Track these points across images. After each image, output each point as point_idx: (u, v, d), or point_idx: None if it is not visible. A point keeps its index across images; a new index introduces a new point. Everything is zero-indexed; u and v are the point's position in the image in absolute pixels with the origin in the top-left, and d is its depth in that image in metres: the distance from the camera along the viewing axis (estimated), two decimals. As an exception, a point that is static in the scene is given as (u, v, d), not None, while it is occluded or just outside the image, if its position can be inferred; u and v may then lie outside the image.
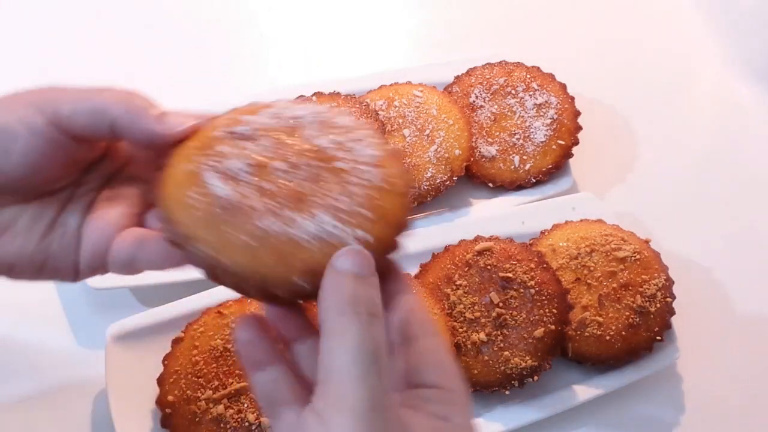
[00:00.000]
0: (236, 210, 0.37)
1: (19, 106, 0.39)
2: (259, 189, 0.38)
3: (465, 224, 0.72)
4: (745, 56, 0.94)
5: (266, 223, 0.36)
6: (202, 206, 0.37)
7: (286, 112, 0.41)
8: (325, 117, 0.41)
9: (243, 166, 0.38)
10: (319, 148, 0.39)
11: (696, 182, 0.84)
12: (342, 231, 0.36)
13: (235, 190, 0.37)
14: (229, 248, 0.36)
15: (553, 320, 0.63)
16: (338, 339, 0.32)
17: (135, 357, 0.63)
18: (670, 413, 0.68)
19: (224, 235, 0.37)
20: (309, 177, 0.38)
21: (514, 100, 0.78)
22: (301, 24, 0.94)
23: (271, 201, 0.37)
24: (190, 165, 0.39)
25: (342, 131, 0.41)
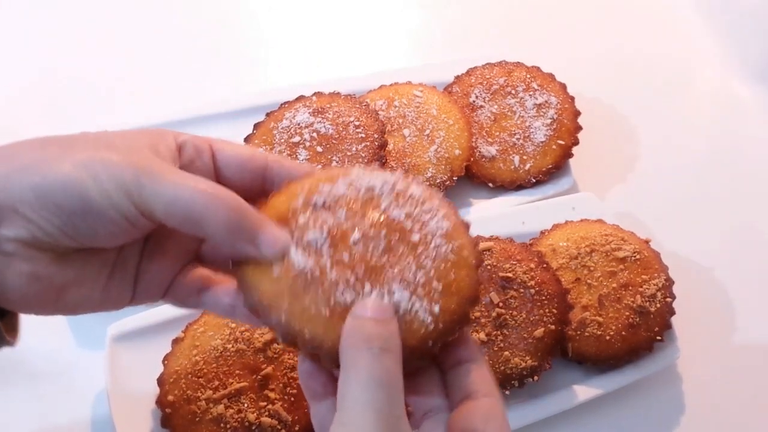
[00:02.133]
0: (316, 283, 0.39)
1: (102, 173, 0.35)
2: (337, 261, 0.40)
3: (465, 224, 0.72)
4: (745, 56, 0.94)
5: (344, 297, 0.39)
6: (284, 279, 0.39)
7: (362, 182, 0.43)
8: (399, 188, 0.43)
9: (322, 238, 0.40)
10: (393, 220, 0.42)
11: (696, 182, 0.84)
12: (415, 304, 0.39)
13: (315, 263, 0.40)
14: (307, 320, 0.39)
15: (553, 320, 0.63)
16: (352, 371, 0.35)
17: (135, 357, 0.63)
18: (670, 413, 0.68)
19: (304, 307, 0.39)
20: (384, 249, 0.41)
21: (514, 100, 0.78)
22: (301, 24, 0.94)
23: (348, 273, 0.40)
24: None
25: (414, 203, 0.43)
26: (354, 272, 0.40)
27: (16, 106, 0.84)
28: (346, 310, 0.38)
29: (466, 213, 0.75)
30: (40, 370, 0.67)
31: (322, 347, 0.39)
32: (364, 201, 0.42)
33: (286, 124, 0.73)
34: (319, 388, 0.40)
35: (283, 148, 0.72)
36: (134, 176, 0.35)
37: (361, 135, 0.71)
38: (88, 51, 0.90)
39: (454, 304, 0.40)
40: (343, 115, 0.72)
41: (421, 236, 0.41)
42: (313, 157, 0.71)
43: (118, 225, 0.36)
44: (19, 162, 0.35)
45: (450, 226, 0.43)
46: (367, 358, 0.35)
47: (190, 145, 0.41)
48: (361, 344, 0.35)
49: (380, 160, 0.70)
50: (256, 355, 0.59)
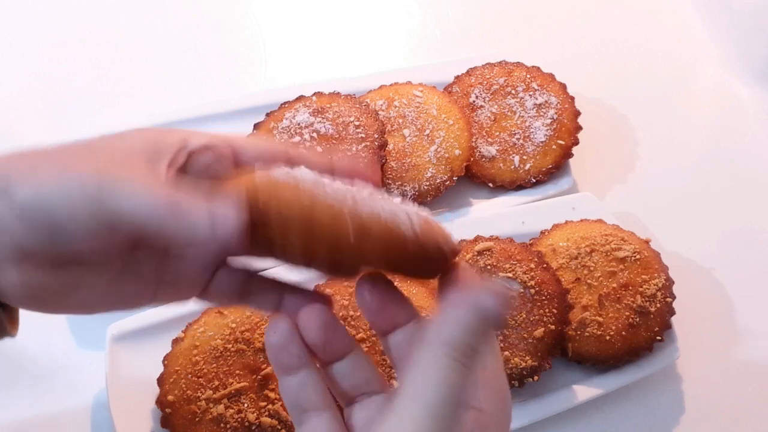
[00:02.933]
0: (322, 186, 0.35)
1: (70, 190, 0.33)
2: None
3: (465, 224, 0.72)
4: (745, 56, 0.94)
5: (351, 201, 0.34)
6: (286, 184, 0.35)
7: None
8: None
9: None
10: None
11: (696, 182, 0.84)
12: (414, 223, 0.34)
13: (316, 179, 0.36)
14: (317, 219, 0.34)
15: (553, 320, 0.63)
16: (434, 377, 0.31)
17: (135, 357, 0.63)
18: (670, 413, 0.68)
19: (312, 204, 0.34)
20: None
21: (514, 100, 0.78)
22: (301, 24, 0.94)
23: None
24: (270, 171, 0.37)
25: None
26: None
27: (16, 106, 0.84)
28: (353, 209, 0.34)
29: (465, 213, 0.75)
30: (40, 370, 0.67)
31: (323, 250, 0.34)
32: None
33: (286, 124, 0.73)
34: (291, 359, 0.37)
35: (283, 148, 0.72)
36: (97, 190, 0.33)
37: (361, 135, 0.71)
38: (88, 51, 0.90)
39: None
40: (343, 115, 0.72)
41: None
42: (313, 157, 0.71)
43: (90, 242, 0.35)
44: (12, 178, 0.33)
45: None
46: (456, 373, 0.31)
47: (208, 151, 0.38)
48: (456, 353, 0.32)
49: (380, 160, 0.70)
50: (256, 355, 0.59)
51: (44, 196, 0.33)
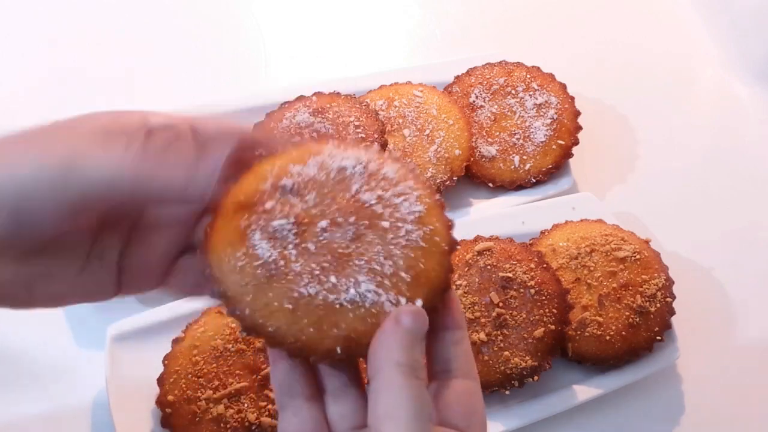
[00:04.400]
0: (280, 275, 0.38)
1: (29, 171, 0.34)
2: (303, 250, 0.38)
3: (465, 224, 0.72)
4: (745, 56, 0.94)
5: (308, 290, 0.38)
6: (247, 270, 0.38)
7: (334, 162, 0.41)
8: (372, 168, 0.41)
9: (288, 225, 0.39)
10: (364, 204, 0.40)
11: (696, 182, 0.84)
12: (382, 297, 0.37)
13: (280, 254, 0.38)
14: (271, 314, 0.38)
15: (553, 320, 0.63)
16: (396, 395, 0.34)
17: (135, 357, 0.63)
18: (670, 413, 0.68)
19: (267, 301, 0.38)
20: (352, 237, 0.39)
21: (514, 100, 0.78)
22: (301, 24, 0.94)
23: (314, 264, 0.38)
24: (237, 223, 0.39)
25: (387, 184, 0.41)
26: (319, 263, 0.38)
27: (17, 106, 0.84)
28: (310, 303, 0.37)
29: (465, 213, 0.75)
30: (40, 370, 0.67)
31: (284, 342, 0.38)
32: (334, 184, 0.40)
33: (286, 124, 0.73)
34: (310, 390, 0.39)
35: (283, 148, 0.72)
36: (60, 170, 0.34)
37: (361, 135, 0.71)
38: (88, 52, 0.90)
39: (422, 297, 0.38)
40: (343, 115, 0.72)
41: (391, 223, 0.39)
42: (313, 157, 0.71)
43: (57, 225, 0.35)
44: None
45: (423, 209, 0.41)
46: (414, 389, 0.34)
47: (167, 128, 0.38)
48: (405, 368, 0.35)
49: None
50: (256, 355, 0.59)
51: (3, 182, 0.33)
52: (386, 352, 0.35)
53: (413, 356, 0.35)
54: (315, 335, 0.37)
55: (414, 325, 0.35)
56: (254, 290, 0.38)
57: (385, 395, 0.34)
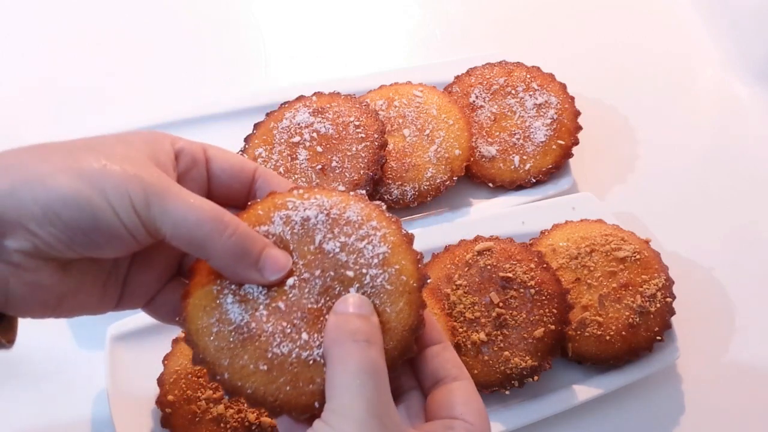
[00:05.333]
0: (253, 337, 0.40)
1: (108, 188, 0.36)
2: (274, 310, 0.40)
3: (465, 224, 0.72)
4: (745, 56, 0.94)
5: (281, 349, 0.39)
6: (222, 335, 0.40)
7: (297, 215, 0.42)
8: (334, 214, 0.42)
9: (258, 289, 0.41)
10: (328, 254, 0.41)
11: (696, 182, 0.84)
12: None
13: (252, 315, 0.40)
14: (248, 376, 0.40)
15: (553, 320, 0.63)
16: (340, 364, 0.37)
17: (135, 357, 0.63)
18: (670, 413, 0.68)
19: (243, 363, 0.40)
20: (320, 291, 0.41)
21: (514, 100, 0.78)
22: (301, 24, 0.94)
23: (285, 323, 0.40)
24: (210, 288, 0.41)
25: (350, 228, 0.42)
26: (291, 321, 0.40)
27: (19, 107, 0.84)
28: (285, 361, 0.39)
29: (465, 213, 0.75)
30: (41, 370, 0.67)
31: (265, 402, 0.39)
32: (299, 238, 0.42)
33: (286, 124, 0.73)
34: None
35: (283, 148, 0.72)
36: (143, 193, 0.36)
37: (361, 135, 0.71)
38: (89, 52, 0.90)
39: (394, 341, 0.40)
40: (343, 115, 0.72)
41: (356, 271, 0.41)
42: (313, 157, 0.71)
43: (123, 240, 0.37)
44: (24, 174, 0.35)
45: (388, 249, 0.42)
46: (354, 350, 0.37)
47: (188, 154, 0.42)
48: (347, 338, 0.37)
49: (380, 161, 0.70)
50: (256, 355, 0.59)
51: (82, 196, 0.35)
52: (331, 335, 0.38)
53: (356, 325, 0.38)
54: (292, 392, 0.39)
55: (352, 308, 0.39)
56: (230, 354, 0.40)
57: (332, 368, 0.37)
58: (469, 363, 0.63)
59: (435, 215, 0.75)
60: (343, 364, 0.37)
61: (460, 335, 0.63)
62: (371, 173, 0.69)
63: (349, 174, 0.69)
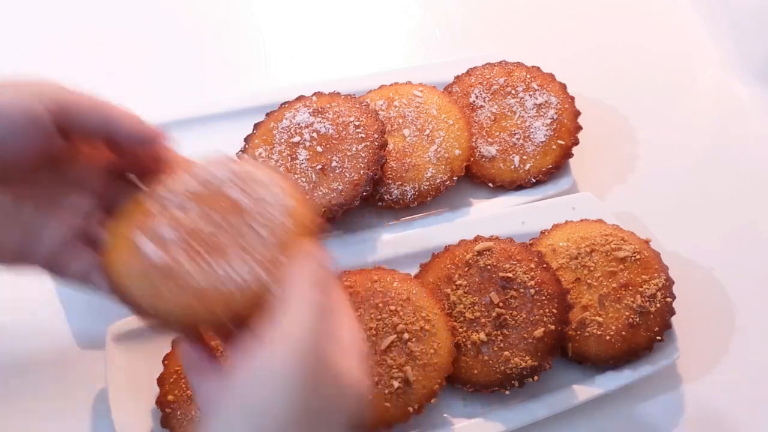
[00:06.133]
0: (168, 269, 0.45)
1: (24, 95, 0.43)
2: (186, 248, 0.46)
3: (465, 224, 0.72)
4: (745, 56, 0.94)
5: (192, 276, 0.45)
6: (139, 270, 0.46)
7: (208, 174, 0.50)
8: (241, 172, 0.50)
9: (172, 231, 0.47)
10: (232, 201, 0.49)
11: (696, 182, 0.84)
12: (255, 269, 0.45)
13: (167, 253, 0.46)
14: (164, 304, 0.45)
15: (553, 320, 0.63)
16: (298, 298, 0.40)
17: (135, 357, 0.63)
18: (670, 413, 0.68)
19: (160, 293, 0.45)
20: (226, 230, 0.47)
21: (514, 100, 0.78)
22: (301, 24, 0.94)
23: (196, 257, 0.46)
24: (130, 233, 0.48)
25: (252, 183, 0.50)
26: (200, 254, 0.46)
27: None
28: (198, 290, 0.45)
29: (465, 213, 0.75)
30: (41, 370, 0.67)
31: (179, 321, 0.45)
32: (209, 192, 0.49)
33: (286, 124, 0.73)
34: (207, 364, 0.45)
35: (283, 148, 0.72)
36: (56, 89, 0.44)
37: (361, 135, 0.71)
38: (88, 52, 0.90)
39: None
40: (343, 115, 0.72)
41: (257, 212, 0.48)
42: (313, 157, 0.71)
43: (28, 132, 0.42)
44: None
45: (282, 194, 0.49)
46: (313, 291, 0.41)
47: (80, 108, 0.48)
48: (307, 278, 0.42)
49: (380, 161, 0.70)
50: (256, 355, 0.59)
51: None
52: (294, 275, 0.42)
53: (319, 273, 0.42)
54: (202, 310, 0.44)
55: (316, 254, 0.44)
56: (149, 286, 0.46)
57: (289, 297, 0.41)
58: (469, 363, 0.63)
59: (435, 215, 0.75)
60: (301, 300, 0.40)
61: (460, 335, 0.63)
62: (371, 173, 0.69)
63: (349, 174, 0.69)
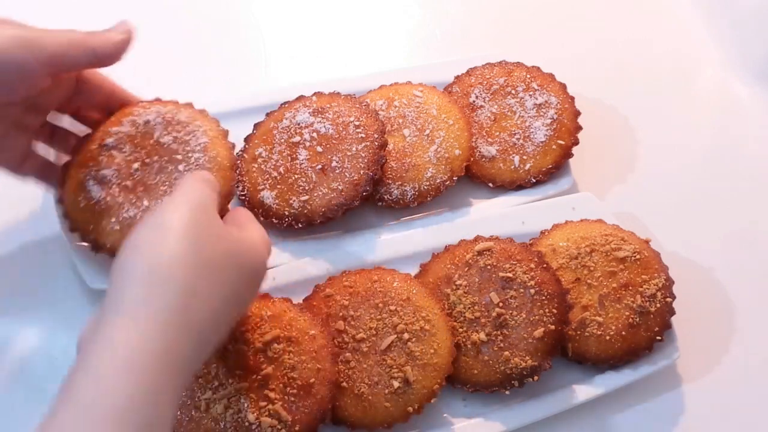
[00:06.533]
0: (109, 207, 0.60)
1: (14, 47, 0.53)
2: (123, 187, 0.61)
3: (465, 224, 0.72)
4: (745, 56, 0.94)
5: (129, 213, 0.60)
6: (87, 207, 0.61)
7: (140, 118, 0.63)
8: (168, 117, 0.63)
9: (111, 172, 0.61)
10: (163, 145, 0.62)
11: (696, 182, 0.84)
12: None
13: (107, 192, 0.60)
14: (107, 234, 0.61)
15: (553, 320, 0.63)
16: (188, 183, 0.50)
17: (135, 357, 0.63)
18: (670, 413, 0.68)
19: (103, 226, 0.60)
20: (157, 170, 0.61)
21: (514, 100, 0.78)
22: (301, 24, 0.94)
23: (131, 195, 0.60)
24: (79, 175, 0.62)
25: (181, 127, 0.63)
26: (135, 194, 0.60)
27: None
28: (132, 221, 0.59)
29: (465, 213, 0.75)
30: (40, 370, 0.67)
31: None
32: (142, 135, 0.62)
33: (286, 124, 0.73)
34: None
35: (283, 148, 0.72)
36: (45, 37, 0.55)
37: (361, 135, 0.71)
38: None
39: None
40: (343, 115, 0.72)
41: (183, 155, 0.61)
42: (313, 157, 0.71)
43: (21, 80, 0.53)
44: None
45: (207, 140, 0.62)
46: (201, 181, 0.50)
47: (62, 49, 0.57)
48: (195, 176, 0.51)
49: (380, 161, 0.70)
50: (256, 355, 0.59)
51: None
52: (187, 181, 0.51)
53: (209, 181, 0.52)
54: None
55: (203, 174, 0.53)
56: (94, 220, 0.60)
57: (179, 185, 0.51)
58: (469, 363, 0.63)
59: (435, 215, 0.75)
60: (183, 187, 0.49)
61: (460, 335, 0.63)
62: (371, 173, 0.69)
63: (349, 174, 0.69)
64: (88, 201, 0.60)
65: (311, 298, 0.65)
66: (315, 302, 0.64)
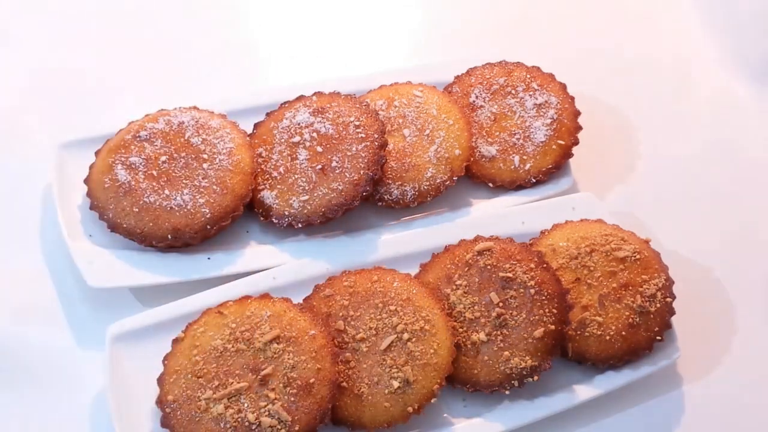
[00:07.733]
0: (132, 191, 0.66)
1: None
2: (149, 175, 0.67)
3: (465, 224, 0.72)
4: (745, 56, 0.94)
5: (149, 199, 0.66)
6: (111, 188, 0.67)
7: (176, 119, 0.70)
8: (201, 121, 0.70)
9: (140, 160, 0.67)
10: (192, 144, 0.68)
11: (696, 182, 0.84)
12: (198, 201, 0.66)
13: (133, 177, 0.66)
14: (125, 215, 0.66)
15: (553, 320, 0.63)
16: None
17: (135, 357, 0.63)
18: (670, 413, 0.68)
19: (123, 207, 0.66)
20: (182, 166, 0.67)
21: (514, 100, 0.78)
22: (301, 24, 0.94)
23: (155, 183, 0.66)
24: (109, 159, 0.68)
25: (211, 131, 0.69)
26: (159, 182, 0.66)
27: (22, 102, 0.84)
28: (151, 207, 0.65)
29: (465, 213, 0.75)
30: (41, 370, 0.67)
31: (134, 233, 0.65)
32: (175, 132, 0.68)
33: (286, 124, 0.73)
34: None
35: (283, 148, 0.72)
36: None
37: (361, 135, 0.71)
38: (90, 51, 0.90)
39: (227, 201, 0.67)
40: (343, 115, 0.72)
41: (209, 155, 0.67)
42: (313, 157, 0.71)
43: None
44: None
45: (234, 146, 0.69)
46: None
47: None
48: None
49: (380, 161, 0.70)
50: (256, 355, 0.59)
51: None
52: None
53: None
54: (154, 227, 0.65)
55: None
56: (114, 201, 0.66)
57: None
58: (469, 363, 0.63)
59: (435, 215, 0.75)
60: None
61: (460, 335, 0.63)
62: (371, 173, 0.69)
63: (349, 174, 0.69)
64: (113, 182, 0.66)
65: (311, 298, 0.65)
66: (315, 302, 0.64)
